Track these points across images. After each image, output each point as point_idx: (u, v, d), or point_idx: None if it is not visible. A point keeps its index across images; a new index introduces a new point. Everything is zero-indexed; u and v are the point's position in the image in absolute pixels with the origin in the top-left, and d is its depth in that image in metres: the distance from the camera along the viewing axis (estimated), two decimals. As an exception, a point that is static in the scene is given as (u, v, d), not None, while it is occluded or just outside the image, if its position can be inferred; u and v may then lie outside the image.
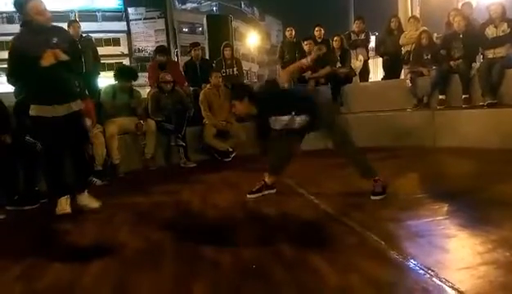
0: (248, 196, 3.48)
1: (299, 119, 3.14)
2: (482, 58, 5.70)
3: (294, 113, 3.12)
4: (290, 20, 10.61)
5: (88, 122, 4.60)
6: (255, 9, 42.55)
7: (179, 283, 2.00)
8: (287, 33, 7.81)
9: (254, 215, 3.06)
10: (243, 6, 39.87)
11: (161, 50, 6.50)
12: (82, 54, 5.74)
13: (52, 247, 2.63)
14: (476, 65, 5.52)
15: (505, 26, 5.25)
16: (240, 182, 4.16)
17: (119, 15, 32.95)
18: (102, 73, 7.00)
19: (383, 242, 2.25)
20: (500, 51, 5.26)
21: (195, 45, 6.77)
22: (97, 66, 6.51)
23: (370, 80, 8.17)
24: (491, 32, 5.34)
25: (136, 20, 33.25)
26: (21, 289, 2.04)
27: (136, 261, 2.33)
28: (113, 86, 5.19)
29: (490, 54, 5.36)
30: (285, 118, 3.13)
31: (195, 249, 2.42)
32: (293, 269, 2.06)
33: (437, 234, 2.37)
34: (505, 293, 1.66)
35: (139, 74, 6.16)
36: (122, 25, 32.86)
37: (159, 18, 33.41)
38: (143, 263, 2.30)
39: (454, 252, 2.12)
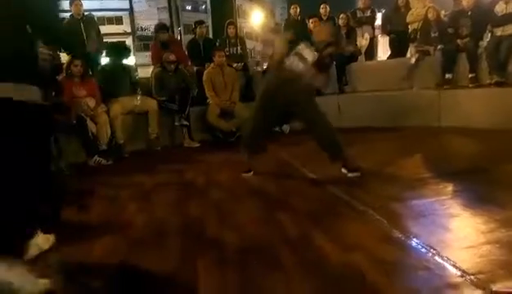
0: (243, 175, 3.54)
1: None
2: (490, 36, 5.59)
3: None
4: (295, -3, 10.40)
5: (92, 101, 4.63)
6: (259, -14, 41.76)
7: (184, 260, 2.03)
8: (292, 11, 7.67)
9: (258, 194, 3.08)
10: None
11: (162, 27, 6.44)
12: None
13: (59, 225, 2.66)
14: (483, 44, 5.43)
15: (515, 2, 5.13)
16: (244, 162, 4.18)
17: (121, -7, 32.49)
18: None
19: (386, 221, 2.27)
20: (509, 29, 5.15)
21: (200, 23, 6.69)
22: (100, 45, 6.45)
23: (379, 58, 8.07)
24: (500, 9, 5.23)
25: (138, -3, 32.79)
26: (32, 265, 2.08)
27: (142, 239, 2.36)
28: (103, 68, 5.15)
29: (498, 31, 5.25)
30: None
31: (200, 227, 2.45)
32: (296, 246, 2.09)
33: (440, 214, 2.37)
34: (506, 272, 1.67)
35: (142, 54, 6.15)
36: (124, 3, 32.42)
37: (161, -4, 32.93)
38: (149, 241, 2.33)
39: (457, 232, 2.13)
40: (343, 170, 3.27)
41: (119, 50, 5.39)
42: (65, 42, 2.22)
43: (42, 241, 2.14)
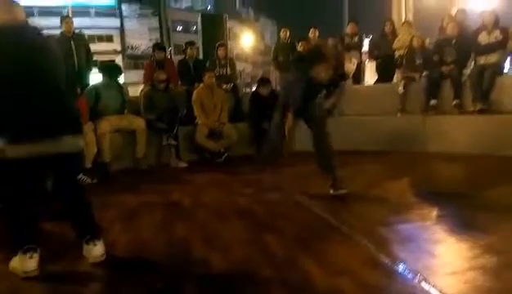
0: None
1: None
2: (474, 64, 5.76)
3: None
4: (284, 22, 10.62)
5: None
6: (250, 10, 42.51)
7: (170, 282, 2.00)
8: (282, 35, 7.82)
9: (245, 215, 3.06)
10: (237, 6, 39.83)
11: (159, 47, 6.54)
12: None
13: (42, 244, 2.59)
14: (467, 71, 5.58)
15: (497, 33, 5.31)
16: (232, 183, 4.17)
17: (112, 12, 32.71)
18: (94, 70, 6.93)
19: (373, 246, 2.27)
20: (491, 58, 5.32)
21: (191, 44, 6.76)
22: (90, 63, 6.46)
23: (366, 83, 8.21)
24: (483, 38, 5.40)
25: (129, 16, 33.07)
26: (17, 281, 2.05)
27: (128, 260, 2.33)
28: (95, 87, 5.12)
29: (481, 60, 5.41)
30: None
31: (185, 248, 2.42)
32: (282, 269, 2.07)
33: (426, 239, 2.39)
34: (491, 299, 1.68)
35: (131, 72, 6.16)
36: (115, 22, 32.63)
37: (152, 16, 33.26)
38: (134, 261, 2.30)
39: (442, 257, 2.14)
40: (331, 191, 3.31)
41: (112, 69, 5.37)
42: None
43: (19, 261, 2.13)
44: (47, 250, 2.24)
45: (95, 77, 6.49)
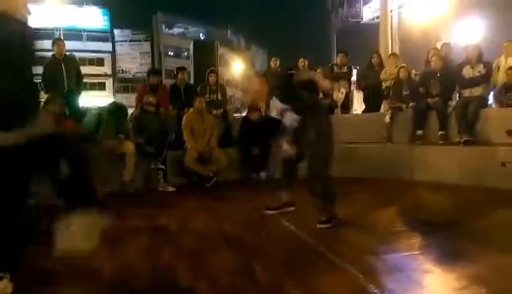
0: (266, 212, 3.60)
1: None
2: (459, 96, 5.90)
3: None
4: (275, 51, 10.83)
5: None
6: (241, 38, 43.24)
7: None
8: (272, 63, 7.95)
9: (232, 241, 3.02)
10: (229, 34, 40.53)
11: (155, 72, 6.62)
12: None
13: (24, 270, 2.51)
14: (452, 103, 5.72)
15: (480, 67, 5.49)
16: (219, 208, 4.14)
17: (104, 36, 32.99)
18: (84, 93, 6.92)
19: (361, 276, 2.24)
20: (476, 91, 5.47)
21: (182, 69, 6.85)
22: (80, 85, 6.46)
23: (354, 112, 8.35)
24: (467, 72, 5.57)
25: (121, 41, 33.38)
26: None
27: (112, 286, 2.26)
28: (99, 114, 5.10)
29: (466, 93, 5.57)
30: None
31: (171, 274, 2.38)
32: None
33: (414, 269, 2.37)
34: (479, 330, 1.67)
35: (121, 95, 6.16)
36: (107, 46, 32.87)
37: (144, 41, 33.69)
38: (118, 288, 2.24)
39: (430, 288, 2.13)
40: (318, 224, 3.27)
41: (120, 112, 5.34)
42: None
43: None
44: (25, 279, 2.16)
45: (85, 100, 6.50)
